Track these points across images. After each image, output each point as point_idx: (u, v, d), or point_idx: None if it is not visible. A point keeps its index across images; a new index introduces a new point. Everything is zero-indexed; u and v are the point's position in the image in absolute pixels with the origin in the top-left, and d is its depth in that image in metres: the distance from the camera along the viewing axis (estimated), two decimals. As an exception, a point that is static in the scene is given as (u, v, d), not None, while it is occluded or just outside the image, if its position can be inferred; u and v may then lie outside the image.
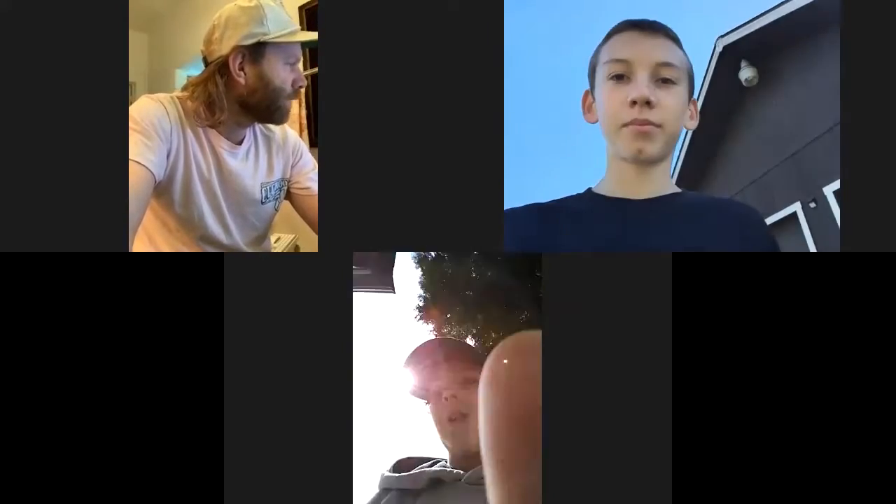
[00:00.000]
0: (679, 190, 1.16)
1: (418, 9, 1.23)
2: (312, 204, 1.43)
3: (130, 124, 1.21)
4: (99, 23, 1.23)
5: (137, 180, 1.20)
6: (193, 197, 1.31)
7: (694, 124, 1.16)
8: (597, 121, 1.15)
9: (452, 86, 1.23)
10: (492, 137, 1.23)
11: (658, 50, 1.10)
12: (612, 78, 1.11)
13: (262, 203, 1.41)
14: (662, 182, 1.14)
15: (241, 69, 1.27)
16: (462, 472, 1.12)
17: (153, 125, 1.23)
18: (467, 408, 1.06)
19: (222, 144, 1.32)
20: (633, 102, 1.08)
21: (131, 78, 1.26)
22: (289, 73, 1.31)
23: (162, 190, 1.28)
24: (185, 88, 1.31)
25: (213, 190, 1.33)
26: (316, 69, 1.42)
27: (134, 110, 1.23)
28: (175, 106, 1.28)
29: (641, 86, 1.08)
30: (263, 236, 1.46)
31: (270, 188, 1.42)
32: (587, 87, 1.18)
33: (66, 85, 1.22)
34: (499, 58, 1.24)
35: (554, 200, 1.18)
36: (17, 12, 1.22)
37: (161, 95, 1.29)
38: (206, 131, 1.30)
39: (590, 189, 1.17)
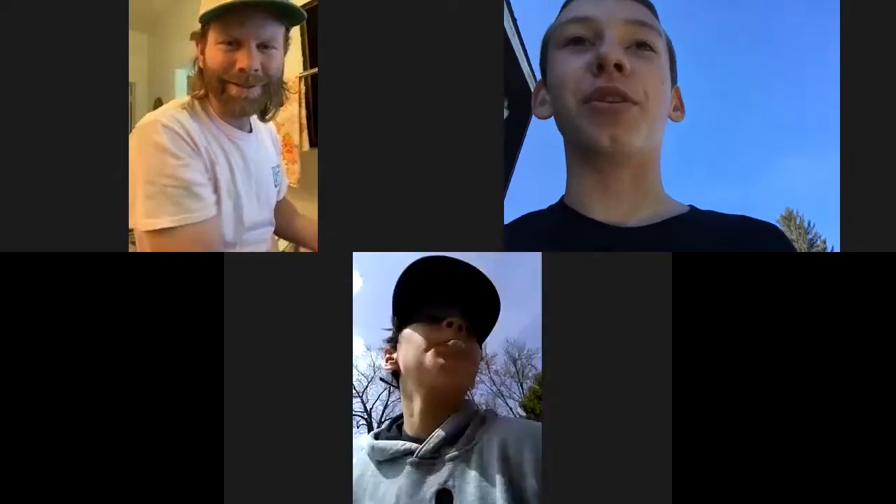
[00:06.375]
0: (686, 209, 0.92)
1: (418, 9, 1.23)
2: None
3: (166, 182, 1.14)
4: (99, 23, 1.23)
5: (210, 233, 1.19)
6: (236, 189, 1.28)
7: (680, 117, 0.93)
8: (550, 115, 0.90)
9: (452, 85, 1.23)
10: (492, 137, 1.23)
11: (630, 8, 0.85)
12: (570, 43, 0.85)
13: (274, 187, 1.40)
14: (655, 198, 0.90)
15: (202, 52, 1.23)
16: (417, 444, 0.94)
17: (182, 165, 1.15)
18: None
19: (238, 135, 1.30)
20: (600, 68, 0.82)
21: (131, 78, 1.26)
22: (223, 56, 1.18)
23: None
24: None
25: (248, 178, 1.31)
26: (316, 69, 1.42)
27: (155, 162, 1.15)
28: (179, 119, 1.19)
29: (609, 45, 0.82)
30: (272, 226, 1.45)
31: (277, 172, 1.41)
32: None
33: (66, 85, 1.22)
34: (498, 57, 1.24)
35: (522, 218, 0.96)
36: (18, 12, 1.22)
37: (165, 119, 1.18)
38: (221, 126, 1.27)
39: (562, 200, 0.95)
